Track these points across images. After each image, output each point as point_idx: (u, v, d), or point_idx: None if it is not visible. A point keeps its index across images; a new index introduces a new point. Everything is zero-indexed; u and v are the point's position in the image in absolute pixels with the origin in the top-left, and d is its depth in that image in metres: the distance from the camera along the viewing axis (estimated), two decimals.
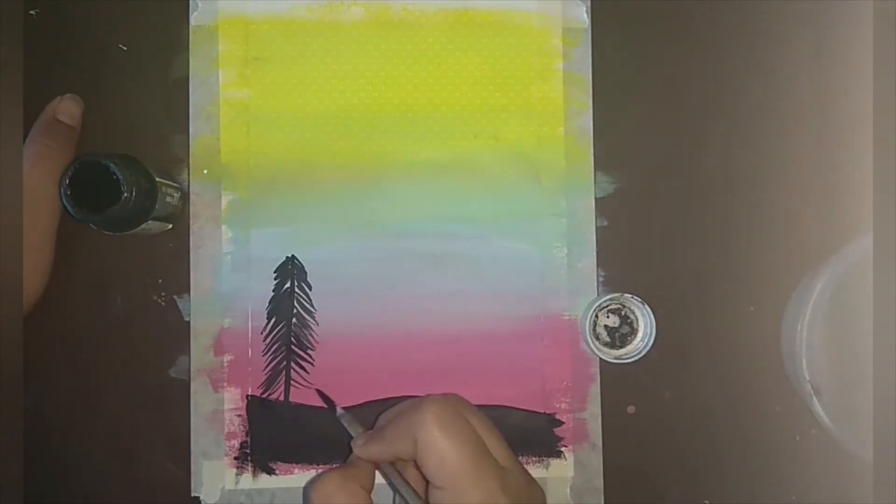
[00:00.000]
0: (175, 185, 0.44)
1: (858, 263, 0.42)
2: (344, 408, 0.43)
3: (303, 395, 0.45)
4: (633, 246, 0.47)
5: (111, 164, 0.39)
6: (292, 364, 0.46)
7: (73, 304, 0.45)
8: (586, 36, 0.47)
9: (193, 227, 0.45)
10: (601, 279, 0.47)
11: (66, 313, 0.45)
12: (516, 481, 0.36)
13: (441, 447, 0.34)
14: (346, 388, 0.45)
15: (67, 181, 0.39)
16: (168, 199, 0.43)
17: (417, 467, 0.37)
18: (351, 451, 0.39)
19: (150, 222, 0.42)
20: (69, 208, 0.39)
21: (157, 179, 0.42)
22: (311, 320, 0.46)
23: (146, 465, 0.45)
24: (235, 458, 0.45)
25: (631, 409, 0.47)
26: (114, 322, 0.45)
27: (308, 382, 0.45)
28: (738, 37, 0.48)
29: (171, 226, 0.45)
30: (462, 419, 0.36)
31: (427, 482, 0.36)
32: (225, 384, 0.45)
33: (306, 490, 0.35)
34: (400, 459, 0.38)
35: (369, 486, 0.37)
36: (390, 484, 0.38)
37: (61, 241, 0.43)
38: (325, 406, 0.43)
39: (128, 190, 0.39)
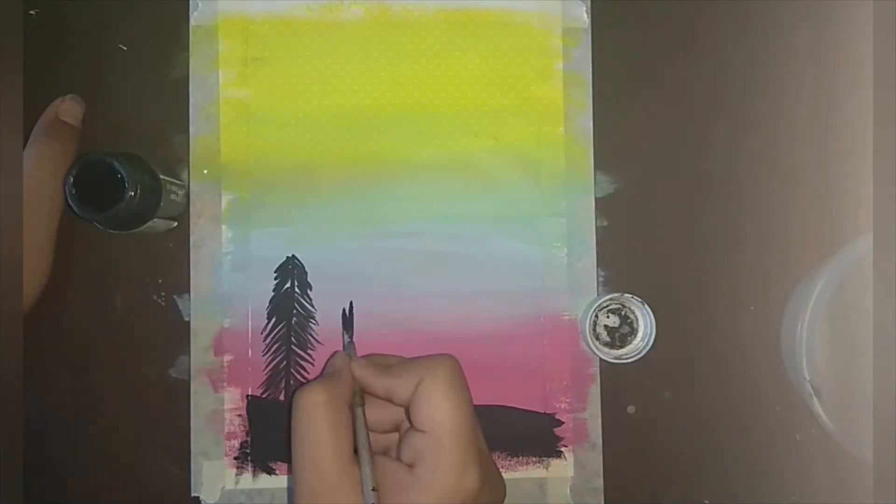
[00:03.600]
0: (179, 182, 0.44)
1: (858, 263, 0.42)
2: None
3: None
4: (633, 246, 0.47)
5: (115, 163, 0.39)
6: (292, 364, 0.46)
7: (73, 303, 0.45)
8: (586, 36, 0.47)
9: (193, 227, 0.45)
10: (601, 279, 0.47)
11: (66, 313, 0.45)
12: (489, 465, 0.37)
13: (442, 393, 0.35)
14: None
15: (72, 180, 0.39)
16: (172, 196, 0.43)
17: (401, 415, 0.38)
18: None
19: (154, 220, 0.42)
20: (74, 207, 0.39)
21: (161, 177, 0.42)
22: (312, 320, 0.46)
23: (146, 465, 0.45)
24: (235, 458, 0.45)
25: (631, 409, 0.47)
26: (114, 322, 0.45)
27: (310, 381, 0.45)
28: (738, 37, 0.48)
29: (175, 224, 0.45)
30: (467, 386, 0.37)
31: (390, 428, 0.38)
32: (225, 384, 0.45)
33: (294, 398, 0.36)
34: (386, 398, 0.38)
35: (349, 400, 0.37)
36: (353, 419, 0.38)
37: (61, 240, 0.43)
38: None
39: (132, 188, 0.39)
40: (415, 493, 0.34)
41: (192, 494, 0.45)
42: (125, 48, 0.46)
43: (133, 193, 0.39)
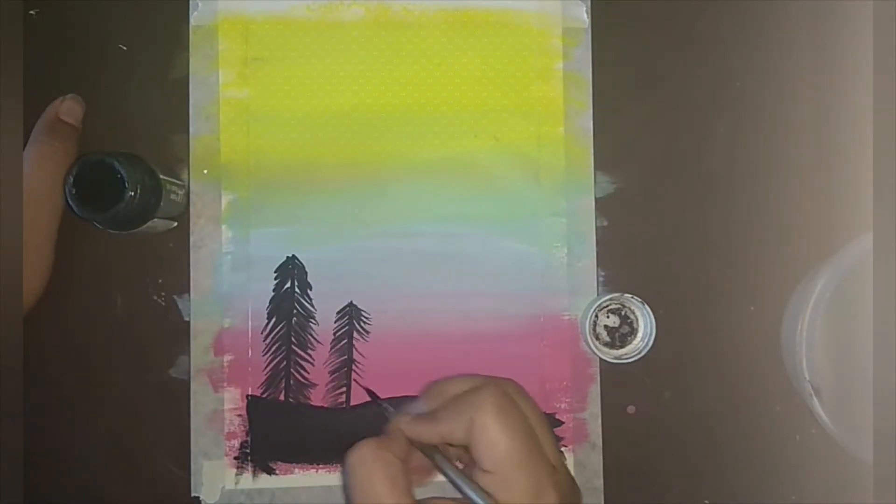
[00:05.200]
0: (179, 182, 0.44)
1: (858, 263, 0.42)
2: (350, 406, 0.43)
3: (303, 395, 0.46)
4: (633, 246, 0.47)
5: (115, 162, 0.39)
6: (292, 364, 0.46)
7: (73, 303, 0.45)
8: (586, 36, 0.47)
9: (194, 227, 0.45)
10: (601, 279, 0.47)
11: (66, 313, 0.45)
12: (564, 480, 0.36)
13: (495, 430, 0.35)
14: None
15: (72, 180, 0.39)
16: (173, 196, 0.43)
17: (464, 450, 0.37)
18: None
19: (154, 220, 0.42)
20: (74, 207, 0.39)
21: (162, 177, 0.42)
22: (312, 320, 0.46)
23: (146, 465, 0.45)
24: (235, 458, 0.45)
25: (631, 409, 0.47)
26: (114, 322, 0.45)
27: (310, 381, 0.45)
28: (738, 37, 0.48)
29: (176, 224, 0.45)
30: (518, 409, 0.36)
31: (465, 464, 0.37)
32: (225, 384, 0.45)
33: (346, 458, 0.36)
34: (447, 443, 0.37)
35: (404, 457, 0.37)
36: (438, 469, 0.37)
37: (62, 240, 0.43)
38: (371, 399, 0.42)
39: (132, 188, 0.39)
40: None
41: (192, 494, 0.45)
42: (125, 48, 0.46)
43: (133, 193, 0.39)
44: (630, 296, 0.45)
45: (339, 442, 0.45)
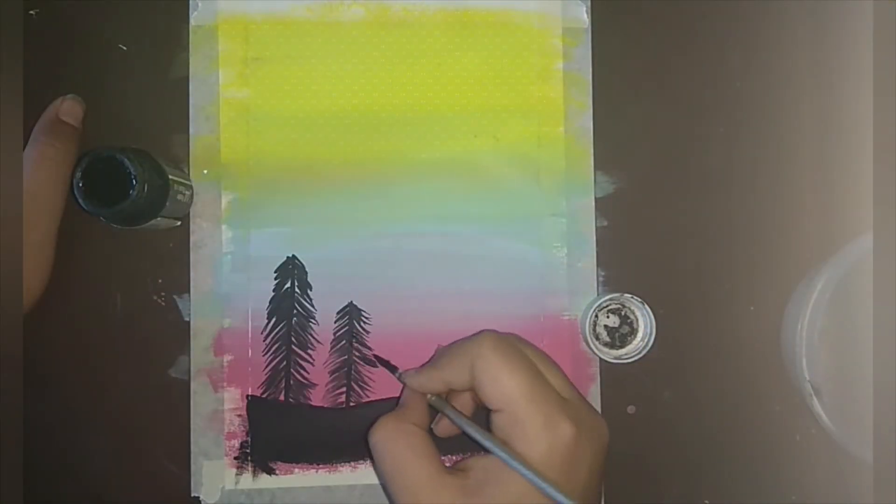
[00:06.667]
0: (187, 182, 0.44)
1: (858, 263, 0.42)
2: (350, 406, 0.43)
3: (303, 395, 0.46)
4: (633, 246, 0.47)
5: (125, 159, 0.38)
6: (292, 364, 0.46)
7: (73, 303, 0.45)
8: (586, 36, 0.47)
9: (193, 227, 0.45)
10: (601, 279, 0.47)
11: (67, 313, 0.45)
12: (578, 410, 0.36)
13: (497, 368, 0.35)
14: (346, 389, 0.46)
15: (80, 173, 0.38)
16: (179, 196, 0.42)
17: (472, 398, 0.38)
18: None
19: (158, 218, 0.42)
20: (80, 201, 0.38)
21: (170, 177, 0.41)
22: (312, 320, 0.46)
23: (146, 465, 0.45)
24: (235, 458, 0.45)
25: (631, 409, 0.47)
26: (114, 322, 0.45)
27: (310, 381, 0.45)
28: (737, 37, 0.48)
29: (179, 223, 0.45)
30: (518, 349, 0.37)
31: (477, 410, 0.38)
32: (225, 384, 0.45)
33: (368, 438, 0.36)
34: (453, 390, 0.38)
35: (424, 424, 0.37)
36: (450, 419, 0.38)
37: (62, 240, 0.43)
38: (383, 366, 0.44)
39: (139, 186, 0.38)
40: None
41: (192, 494, 0.45)
42: (125, 48, 0.46)
43: (140, 191, 0.38)
44: (630, 296, 0.45)
45: (339, 442, 0.45)
